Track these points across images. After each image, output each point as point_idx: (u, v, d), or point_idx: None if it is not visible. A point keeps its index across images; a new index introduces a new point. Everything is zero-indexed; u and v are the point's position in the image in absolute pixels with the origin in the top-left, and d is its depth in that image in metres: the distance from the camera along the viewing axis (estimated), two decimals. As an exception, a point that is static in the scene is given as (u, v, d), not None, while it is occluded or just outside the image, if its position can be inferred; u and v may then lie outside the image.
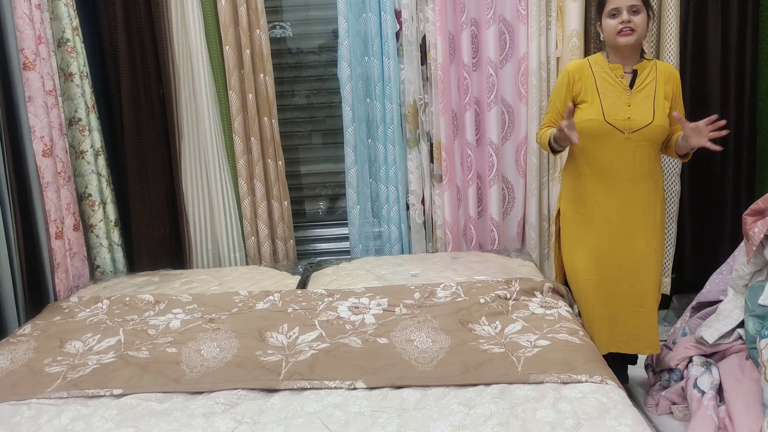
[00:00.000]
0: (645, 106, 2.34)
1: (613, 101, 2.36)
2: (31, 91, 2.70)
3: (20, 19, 2.65)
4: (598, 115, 2.35)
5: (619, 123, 2.34)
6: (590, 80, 2.40)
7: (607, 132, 2.35)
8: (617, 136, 2.35)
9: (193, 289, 2.79)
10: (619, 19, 2.29)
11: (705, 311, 2.81)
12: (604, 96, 2.37)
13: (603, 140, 2.37)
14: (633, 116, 2.34)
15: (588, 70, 2.43)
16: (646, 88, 2.37)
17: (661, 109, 2.35)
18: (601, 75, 2.40)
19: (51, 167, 2.78)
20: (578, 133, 2.31)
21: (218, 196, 3.33)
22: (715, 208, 3.23)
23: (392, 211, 3.39)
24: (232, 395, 1.87)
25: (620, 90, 2.37)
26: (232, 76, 3.21)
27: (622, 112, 2.34)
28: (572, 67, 2.46)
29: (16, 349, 2.21)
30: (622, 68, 2.38)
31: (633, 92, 2.36)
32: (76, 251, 2.99)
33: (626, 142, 2.35)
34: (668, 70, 2.42)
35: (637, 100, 2.35)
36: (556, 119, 2.46)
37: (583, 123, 2.37)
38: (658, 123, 2.34)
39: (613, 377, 1.86)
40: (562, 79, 2.48)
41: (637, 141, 2.35)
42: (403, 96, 3.28)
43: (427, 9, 3.17)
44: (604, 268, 2.47)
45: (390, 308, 2.39)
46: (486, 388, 1.84)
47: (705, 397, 2.29)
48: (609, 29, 2.33)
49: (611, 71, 2.39)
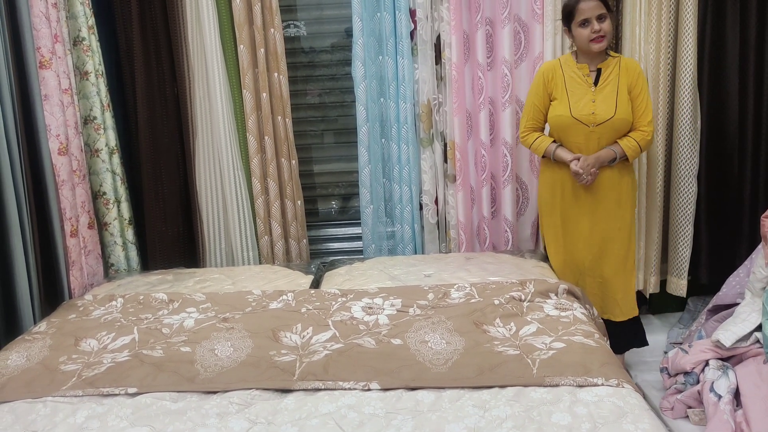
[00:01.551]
0: (608, 102, 2.61)
1: (579, 98, 2.64)
2: (47, 89, 2.71)
3: (37, 18, 2.66)
4: (566, 111, 2.64)
5: (584, 117, 2.62)
6: (560, 79, 2.69)
7: (574, 125, 2.64)
8: (583, 129, 2.63)
9: (207, 288, 2.80)
10: (590, 28, 2.55)
11: (722, 314, 2.79)
12: (572, 93, 2.65)
13: (571, 133, 2.66)
14: (597, 111, 2.61)
15: (559, 70, 2.71)
16: (609, 84, 2.64)
17: (623, 103, 2.62)
18: (569, 74, 2.68)
19: (66, 165, 2.79)
20: (551, 127, 2.74)
21: (232, 194, 3.33)
22: (733, 210, 3.20)
23: (405, 211, 3.38)
24: (246, 395, 1.87)
25: (586, 87, 2.65)
26: (246, 75, 3.22)
27: (587, 107, 2.62)
28: (545, 68, 2.75)
29: (32, 347, 2.22)
30: (587, 67, 2.66)
31: (597, 89, 2.64)
32: (91, 249, 3.00)
33: (592, 134, 2.63)
34: (630, 64, 2.68)
35: (601, 96, 2.62)
36: (538, 116, 2.77)
37: (554, 118, 2.69)
38: (620, 116, 2.61)
39: (629, 380, 1.85)
40: (538, 80, 2.76)
41: (602, 132, 2.63)
42: (417, 95, 3.27)
43: (442, 8, 3.15)
44: (570, 242, 2.80)
45: (404, 309, 2.38)
46: (501, 390, 1.83)
47: (721, 401, 2.26)
48: (581, 38, 2.59)
49: (578, 70, 2.67)
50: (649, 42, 3.02)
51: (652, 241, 3.22)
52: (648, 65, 3.02)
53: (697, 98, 3.05)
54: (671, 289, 3.29)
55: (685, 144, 3.09)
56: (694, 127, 3.08)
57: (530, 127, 2.80)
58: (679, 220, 3.18)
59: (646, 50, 3.01)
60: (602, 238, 2.74)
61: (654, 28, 3.01)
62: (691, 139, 3.08)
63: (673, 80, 3.11)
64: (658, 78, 3.06)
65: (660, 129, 3.12)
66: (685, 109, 3.06)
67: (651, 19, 3.00)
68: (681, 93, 3.06)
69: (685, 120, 3.07)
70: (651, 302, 3.43)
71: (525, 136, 2.81)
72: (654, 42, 3.02)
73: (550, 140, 2.74)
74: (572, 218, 2.77)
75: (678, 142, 3.11)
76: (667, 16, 3.02)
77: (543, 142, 2.74)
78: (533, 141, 2.77)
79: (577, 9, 2.56)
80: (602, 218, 2.73)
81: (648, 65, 3.02)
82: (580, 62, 2.67)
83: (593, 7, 2.54)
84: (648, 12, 3.00)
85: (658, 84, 3.07)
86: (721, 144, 3.14)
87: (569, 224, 2.79)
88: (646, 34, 3.01)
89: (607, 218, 2.72)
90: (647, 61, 3.02)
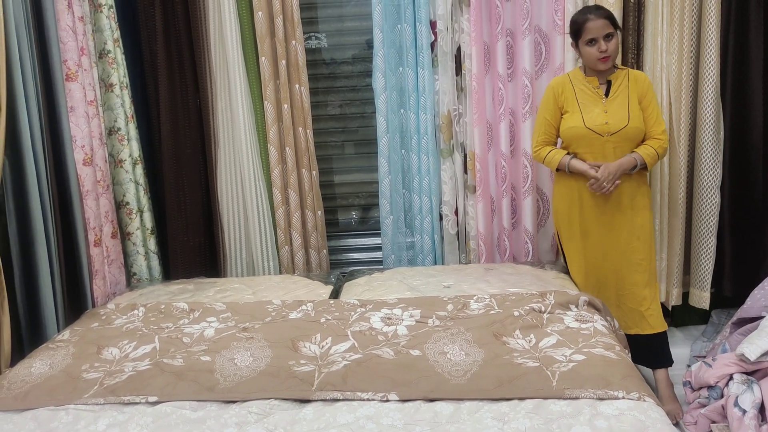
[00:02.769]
0: (620, 112, 2.63)
1: (591, 109, 2.66)
2: (73, 101, 2.76)
3: (63, 31, 2.72)
4: (579, 122, 2.66)
5: (598, 128, 2.63)
6: (571, 93, 2.71)
7: (588, 136, 2.65)
8: (598, 140, 2.64)
9: (227, 298, 2.82)
10: (597, 47, 2.58)
11: (746, 327, 2.74)
12: (584, 105, 2.68)
13: (586, 144, 2.67)
14: (610, 121, 2.63)
15: (569, 84, 2.73)
16: (620, 95, 2.66)
17: (635, 112, 2.64)
18: (580, 88, 2.71)
19: (91, 176, 2.84)
20: (564, 139, 2.75)
21: (253, 205, 3.36)
22: (757, 221, 3.15)
23: (425, 222, 3.38)
24: (265, 405, 1.87)
25: (597, 99, 2.67)
26: (268, 87, 3.25)
27: (600, 117, 2.64)
28: (555, 83, 2.78)
29: (55, 355, 2.25)
30: (597, 80, 2.69)
31: (608, 100, 2.66)
32: (114, 258, 3.04)
33: (606, 144, 2.64)
34: (639, 76, 2.71)
35: (613, 106, 2.65)
36: (550, 131, 2.77)
37: (568, 130, 2.70)
38: (634, 125, 2.63)
39: (651, 394, 1.83)
40: (548, 95, 2.77)
41: (616, 142, 2.64)
42: (438, 106, 3.28)
43: (462, 19, 3.16)
44: (589, 256, 2.79)
45: (423, 320, 2.38)
46: (520, 402, 1.81)
47: (746, 416, 2.22)
48: (589, 56, 2.62)
49: (588, 83, 2.70)
50: (671, 53, 2.99)
51: (675, 253, 3.18)
52: (671, 75, 3.00)
53: (720, 109, 3.02)
54: (694, 302, 3.25)
55: (708, 155, 3.06)
56: (717, 138, 3.04)
57: (542, 141, 2.79)
58: (702, 231, 3.14)
59: (668, 61, 2.99)
60: (623, 248, 2.71)
61: (676, 38, 2.99)
62: (714, 149, 3.05)
63: (696, 91, 3.08)
64: (681, 88, 3.03)
65: (683, 140, 3.09)
66: (708, 120, 3.03)
67: (673, 30, 2.98)
68: (704, 103, 3.03)
69: (708, 130, 3.04)
70: (673, 315, 3.38)
71: (538, 150, 2.81)
72: (676, 52, 3.00)
73: (564, 152, 2.73)
74: (591, 230, 2.75)
75: (701, 153, 3.08)
76: (690, 26, 3.00)
77: (557, 154, 2.73)
78: (546, 155, 2.76)
79: (585, 28, 2.58)
80: (621, 228, 2.70)
81: (671, 75, 3.00)
82: (589, 75, 2.69)
83: (601, 27, 2.55)
84: (670, 22, 2.98)
85: (680, 94, 3.04)
86: (744, 155, 3.10)
87: (589, 236, 2.77)
88: (669, 44, 2.99)
89: (627, 228, 2.70)
90: (669, 71, 3.00)
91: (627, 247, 2.71)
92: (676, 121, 3.05)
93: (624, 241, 2.71)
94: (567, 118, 2.71)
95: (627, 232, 2.70)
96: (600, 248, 2.75)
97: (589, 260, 2.80)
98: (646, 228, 2.73)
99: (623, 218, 2.70)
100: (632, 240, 2.71)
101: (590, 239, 2.77)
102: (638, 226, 2.71)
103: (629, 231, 2.70)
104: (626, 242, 2.71)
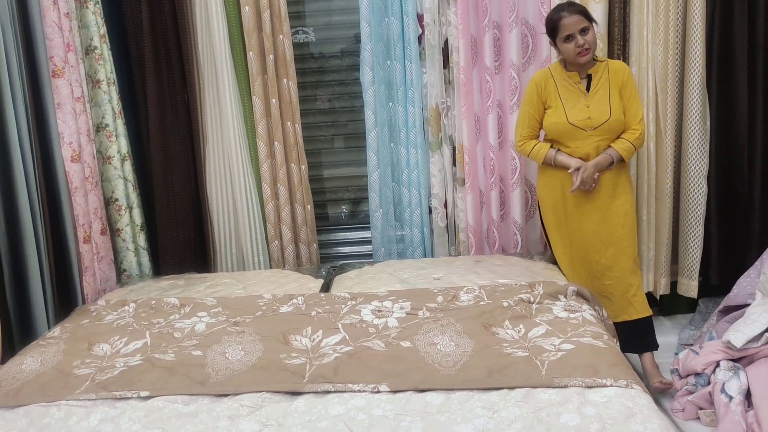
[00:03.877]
0: (602, 106, 2.68)
1: (574, 105, 2.70)
2: (60, 97, 2.75)
3: (49, 28, 2.71)
4: (563, 118, 2.70)
5: (580, 122, 2.68)
6: (553, 88, 2.75)
7: (572, 131, 2.69)
8: (581, 134, 2.69)
9: (218, 293, 2.82)
10: (574, 42, 2.61)
11: (732, 315, 2.78)
12: (566, 101, 2.72)
13: (570, 138, 2.71)
14: (592, 115, 2.67)
15: (551, 79, 2.77)
16: (600, 89, 2.70)
17: (616, 105, 2.68)
18: (561, 83, 2.74)
19: (79, 173, 2.83)
20: (548, 133, 2.79)
21: (242, 200, 3.36)
22: (743, 210, 3.18)
23: (415, 215, 3.40)
24: (256, 398, 1.88)
25: (578, 94, 2.71)
26: (256, 81, 3.25)
27: (582, 113, 2.68)
28: (537, 77, 2.80)
29: (46, 352, 2.25)
30: (578, 75, 2.72)
31: (590, 95, 2.70)
32: (104, 255, 3.04)
33: (590, 138, 2.69)
34: (618, 66, 2.74)
35: (594, 101, 2.69)
36: (533, 125, 2.81)
37: (551, 125, 2.74)
38: (615, 118, 2.67)
39: (638, 381, 1.85)
40: (531, 89, 2.80)
41: (599, 135, 2.68)
42: (426, 100, 3.29)
43: (450, 13, 3.17)
44: (575, 245, 2.82)
45: (413, 312, 2.39)
46: (510, 391, 1.83)
47: (733, 402, 2.26)
48: (568, 52, 2.65)
49: (569, 79, 2.73)
50: (657, 43, 3.02)
51: (663, 243, 3.21)
52: (656, 66, 3.02)
53: (706, 99, 3.05)
54: (682, 291, 3.28)
55: (695, 145, 3.09)
56: (704, 128, 3.07)
57: (526, 135, 2.83)
58: (689, 221, 3.17)
59: (654, 52, 3.01)
60: (607, 236, 2.75)
61: (662, 29, 3.01)
62: (701, 139, 3.08)
63: (682, 81, 3.11)
64: (667, 79, 3.06)
65: (669, 130, 3.12)
66: (694, 110, 3.06)
67: (659, 21, 3.00)
68: (690, 94, 3.05)
69: (694, 121, 3.06)
70: (662, 304, 3.41)
71: (522, 144, 2.84)
72: (662, 43, 3.02)
73: (548, 146, 2.78)
74: (575, 219, 2.79)
75: (687, 143, 3.10)
76: (675, 17, 3.02)
77: (542, 148, 2.77)
78: (531, 148, 2.80)
79: (560, 25, 2.62)
80: (604, 217, 2.74)
81: (656, 66, 3.02)
82: (570, 70, 2.73)
83: (575, 22, 2.59)
84: (656, 14, 3.00)
85: (666, 85, 3.06)
86: (730, 144, 3.13)
87: (573, 225, 2.81)
88: (654, 35, 3.01)
89: (610, 216, 2.74)
90: (655, 62, 3.02)
91: (611, 235, 2.75)
92: (663, 111, 3.07)
93: (608, 229, 2.75)
94: (550, 114, 2.75)
95: (610, 220, 2.74)
96: (584, 237, 2.79)
97: (574, 249, 2.83)
98: (630, 215, 2.76)
99: (606, 206, 2.74)
100: (616, 228, 2.74)
101: (574, 228, 2.81)
102: (622, 214, 2.74)
103: (613, 219, 2.74)
104: (610, 230, 2.74)
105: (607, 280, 2.78)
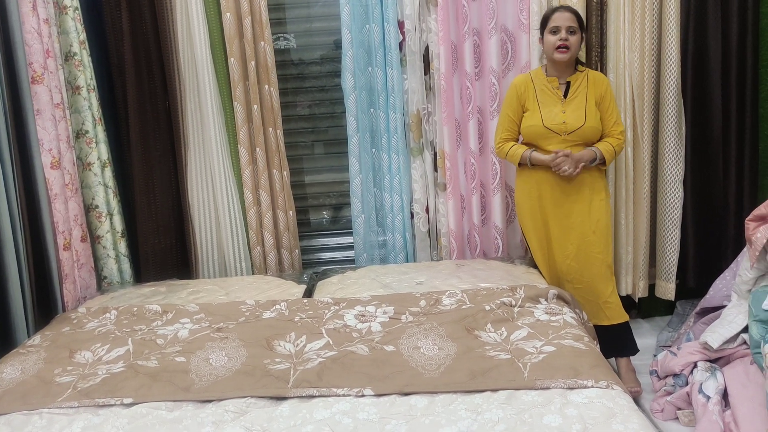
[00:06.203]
0: (578, 112, 2.73)
1: (550, 109, 2.76)
2: (39, 104, 2.73)
3: (29, 34, 2.69)
4: (538, 121, 2.75)
5: (555, 126, 2.73)
6: (532, 92, 2.81)
7: (547, 135, 2.74)
8: (556, 138, 2.74)
9: (200, 299, 2.81)
10: (558, 36, 2.68)
11: (709, 316, 2.83)
12: (543, 105, 2.77)
13: (545, 141, 2.76)
14: (568, 121, 2.72)
15: (531, 83, 2.82)
16: (578, 96, 2.76)
17: (592, 112, 2.74)
18: (540, 87, 2.80)
19: (59, 179, 2.81)
20: (524, 137, 2.83)
21: (224, 206, 3.35)
22: (718, 214, 3.24)
23: (397, 220, 3.41)
24: (241, 403, 1.89)
25: (556, 99, 2.77)
26: (237, 88, 3.25)
27: (558, 117, 2.74)
28: (518, 81, 2.86)
29: (27, 360, 2.23)
30: (557, 80, 2.78)
31: (567, 101, 2.76)
32: (84, 262, 3.02)
33: (564, 142, 2.73)
34: (598, 78, 2.81)
35: (571, 107, 2.74)
36: (512, 128, 2.87)
37: (528, 128, 2.79)
38: (590, 125, 2.73)
39: (618, 382, 1.88)
40: (511, 93, 2.86)
41: (573, 140, 2.73)
42: (407, 105, 3.31)
43: (430, 19, 3.20)
44: (552, 247, 2.86)
45: (396, 316, 2.41)
46: (493, 394, 1.85)
47: (710, 402, 2.30)
48: (549, 44, 2.72)
49: (549, 84, 2.79)
50: (633, 50, 3.07)
51: (640, 246, 3.26)
52: (633, 73, 3.07)
53: (681, 105, 3.10)
54: (660, 293, 3.33)
55: (671, 150, 3.14)
56: (680, 133, 3.13)
57: (505, 138, 2.88)
58: (666, 224, 3.23)
59: (630, 58, 3.06)
60: (580, 242, 2.78)
61: (638, 36, 3.07)
62: (677, 144, 3.13)
63: (658, 87, 3.16)
64: (643, 85, 3.11)
65: (646, 135, 3.17)
66: (670, 116, 3.11)
67: (635, 28, 3.06)
68: (666, 100, 3.11)
69: (670, 126, 3.12)
70: (640, 306, 3.46)
71: (500, 146, 2.89)
72: (638, 50, 3.07)
73: (524, 147, 2.82)
74: (550, 223, 2.83)
75: (663, 148, 3.16)
76: (651, 24, 3.08)
77: (518, 149, 2.82)
78: (508, 150, 2.85)
79: (552, 17, 2.71)
80: (578, 222, 2.78)
81: (633, 73, 3.07)
82: (550, 75, 2.79)
83: (566, 18, 2.68)
84: (632, 21, 3.05)
85: (643, 91, 3.12)
86: (705, 149, 3.19)
87: (548, 229, 2.85)
88: (631, 42, 3.06)
89: (584, 222, 2.78)
90: (632, 68, 3.07)
91: (583, 241, 2.78)
92: (640, 117, 3.12)
93: (580, 234, 2.78)
94: (527, 117, 2.80)
95: (584, 225, 2.78)
96: (558, 241, 2.82)
97: (550, 252, 2.87)
98: (602, 222, 2.79)
99: (580, 212, 2.77)
100: (588, 233, 2.78)
101: (549, 232, 2.85)
102: (594, 221, 2.78)
103: (586, 224, 2.78)
104: (583, 236, 2.78)
105: (578, 284, 2.82)
